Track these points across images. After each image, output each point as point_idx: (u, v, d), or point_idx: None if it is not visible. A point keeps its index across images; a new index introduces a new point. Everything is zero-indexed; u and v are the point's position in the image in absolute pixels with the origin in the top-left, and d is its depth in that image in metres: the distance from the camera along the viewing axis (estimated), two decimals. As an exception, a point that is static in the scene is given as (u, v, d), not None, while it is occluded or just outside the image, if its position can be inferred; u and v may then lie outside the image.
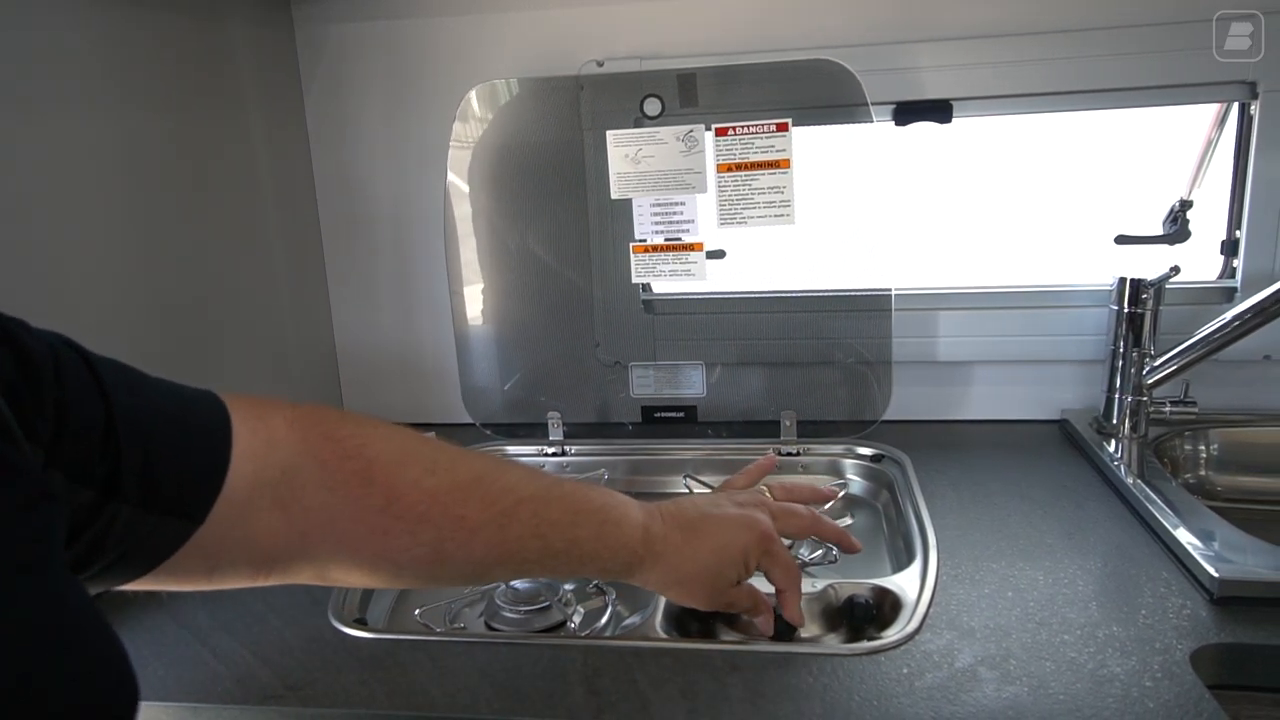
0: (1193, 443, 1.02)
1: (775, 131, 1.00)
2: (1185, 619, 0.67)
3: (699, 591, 0.65)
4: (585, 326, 1.11)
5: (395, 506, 0.52)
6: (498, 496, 0.56)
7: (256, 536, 0.49)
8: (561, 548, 0.58)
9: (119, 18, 0.83)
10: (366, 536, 0.52)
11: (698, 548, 0.63)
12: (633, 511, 0.63)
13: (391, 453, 0.53)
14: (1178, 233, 1.05)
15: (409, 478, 0.53)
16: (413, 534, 0.53)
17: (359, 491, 0.51)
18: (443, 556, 0.54)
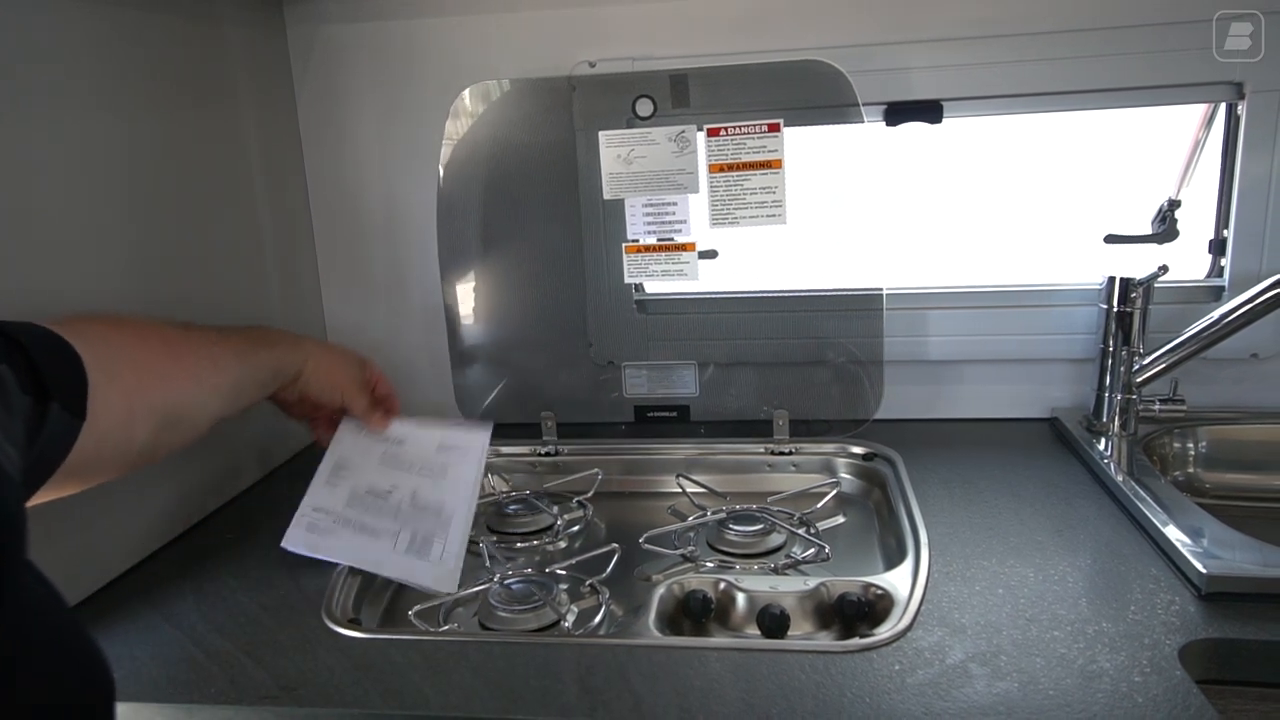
0: (1181, 440, 1.03)
1: (767, 132, 1.00)
2: (1174, 615, 0.68)
3: (331, 387, 0.85)
4: (578, 327, 1.11)
5: (172, 342, 0.69)
6: (209, 328, 0.75)
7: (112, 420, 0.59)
8: (257, 338, 0.79)
9: (110, 19, 0.83)
10: (170, 369, 0.67)
11: (328, 356, 0.86)
12: (286, 333, 0.84)
13: (135, 318, 0.69)
14: (1166, 232, 1.06)
15: (162, 326, 0.70)
16: (194, 355, 0.70)
17: (143, 342, 0.67)
18: (217, 367, 0.71)
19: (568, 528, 0.95)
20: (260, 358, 0.78)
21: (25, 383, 0.51)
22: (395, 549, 0.82)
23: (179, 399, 0.68)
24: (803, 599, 0.74)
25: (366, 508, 0.84)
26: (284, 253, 1.12)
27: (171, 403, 0.67)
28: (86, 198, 0.81)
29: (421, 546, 0.82)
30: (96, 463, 0.60)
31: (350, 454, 0.89)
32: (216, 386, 0.72)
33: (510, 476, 1.10)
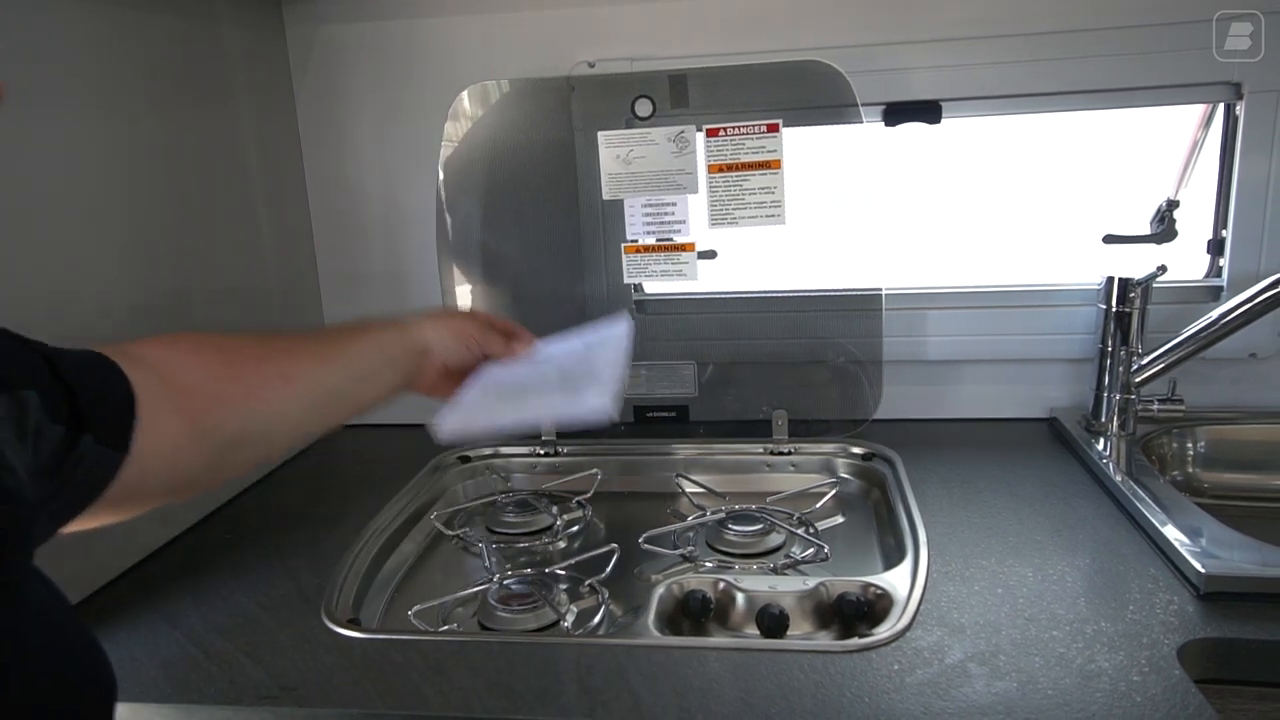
0: (1180, 440, 1.03)
1: (766, 132, 1.00)
2: (1172, 614, 0.68)
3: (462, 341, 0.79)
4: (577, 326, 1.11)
5: (235, 357, 0.66)
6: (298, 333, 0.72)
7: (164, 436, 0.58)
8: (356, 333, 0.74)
9: (109, 19, 0.83)
10: (228, 388, 0.64)
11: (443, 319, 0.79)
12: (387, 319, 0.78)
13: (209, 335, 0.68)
14: (1165, 232, 1.06)
15: (233, 341, 0.68)
16: (258, 371, 0.66)
17: (202, 360, 0.64)
18: (288, 378, 0.67)
19: (567, 528, 0.95)
20: (356, 353, 0.72)
21: (57, 411, 0.50)
22: (546, 401, 0.76)
23: (239, 422, 0.64)
24: (802, 599, 0.74)
25: (515, 389, 0.78)
26: (283, 252, 1.12)
27: (229, 427, 0.63)
28: (85, 198, 0.81)
29: (575, 390, 0.75)
30: (140, 494, 0.59)
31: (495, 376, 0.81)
32: (289, 399, 0.67)
33: (510, 477, 1.10)
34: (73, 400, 0.51)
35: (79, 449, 0.51)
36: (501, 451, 1.10)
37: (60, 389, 0.50)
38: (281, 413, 0.67)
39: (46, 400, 0.49)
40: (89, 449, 0.52)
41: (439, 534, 0.96)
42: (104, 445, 0.53)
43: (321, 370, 0.70)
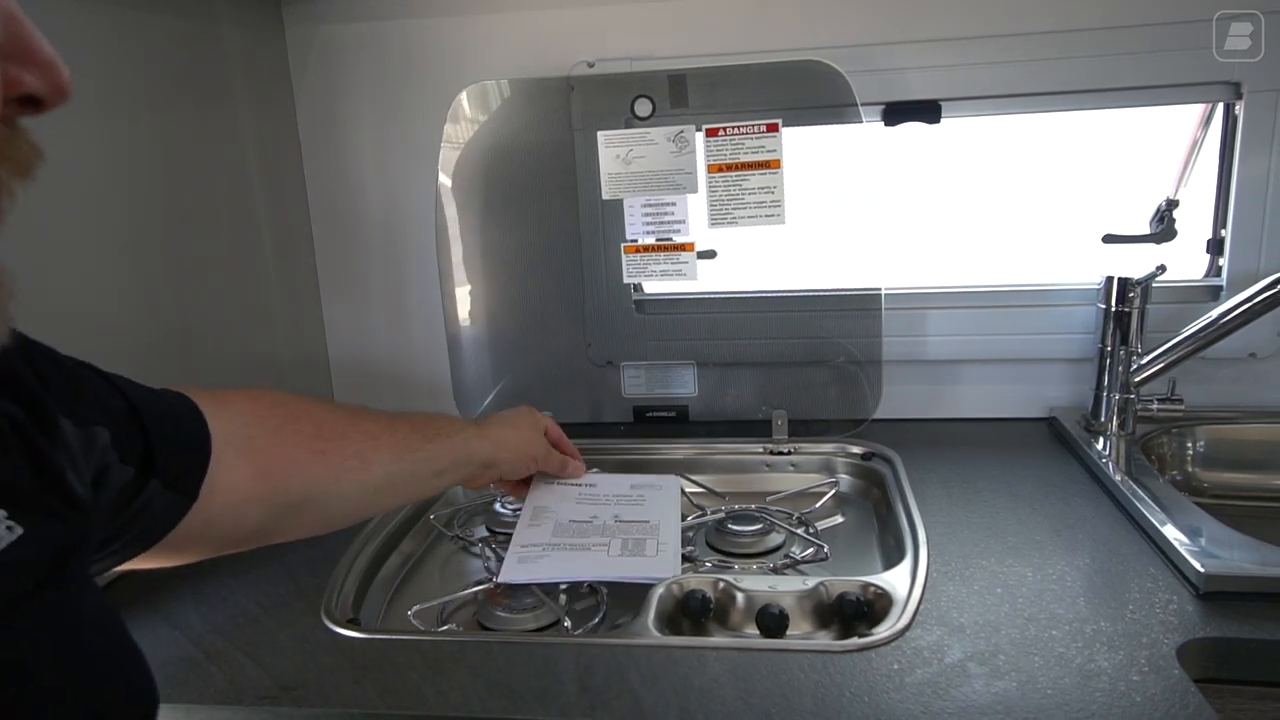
0: (1179, 440, 1.03)
1: (765, 132, 1.00)
2: (1172, 614, 0.68)
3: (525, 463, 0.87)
4: (576, 327, 1.11)
5: (323, 430, 0.68)
6: (379, 416, 0.74)
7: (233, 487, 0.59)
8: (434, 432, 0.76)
9: (108, 19, 0.83)
10: (309, 460, 0.66)
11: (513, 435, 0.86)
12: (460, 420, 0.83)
13: (301, 399, 0.69)
14: (1164, 232, 1.06)
15: (322, 411, 0.70)
16: (340, 449, 0.68)
17: (293, 427, 0.66)
18: (366, 459, 0.70)
19: (567, 528, 0.95)
20: (428, 453, 0.75)
21: (130, 453, 0.51)
22: (609, 554, 0.82)
23: (308, 490, 0.66)
24: (801, 598, 0.74)
25: (573, 533, 0.86)
26: (282, 253, 1.12)
27: (298, 494, 0.65)
28: (84, 198, 0.81)
29: (635, 548, 0.83)
30: (202, 541, 0.60)
31: (546, 500, 0.92)
32: (361, 483, 0.69)
33: (509, 476, 1.10)
34: (146, 443, 0.52)
35: (146, 492, 0.52)
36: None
37: (136, 431, 0.51)
38: (350, 494, 0.69)
39: (119, 440, 0.50)
40: (156, 493, 0.53)
41: (439, 534, 0.96)
42: (172, 491, 0.54)
43: (398, 464, 0.73)
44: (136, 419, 0.52)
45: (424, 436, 0.75)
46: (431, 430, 0.77)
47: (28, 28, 0.32)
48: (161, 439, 0.53)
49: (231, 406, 0.62)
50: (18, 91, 0.32)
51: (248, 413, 0.63)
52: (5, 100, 0.31)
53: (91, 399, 0.49)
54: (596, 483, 0.97)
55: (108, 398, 0.51)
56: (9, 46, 0.31)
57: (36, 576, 0.38)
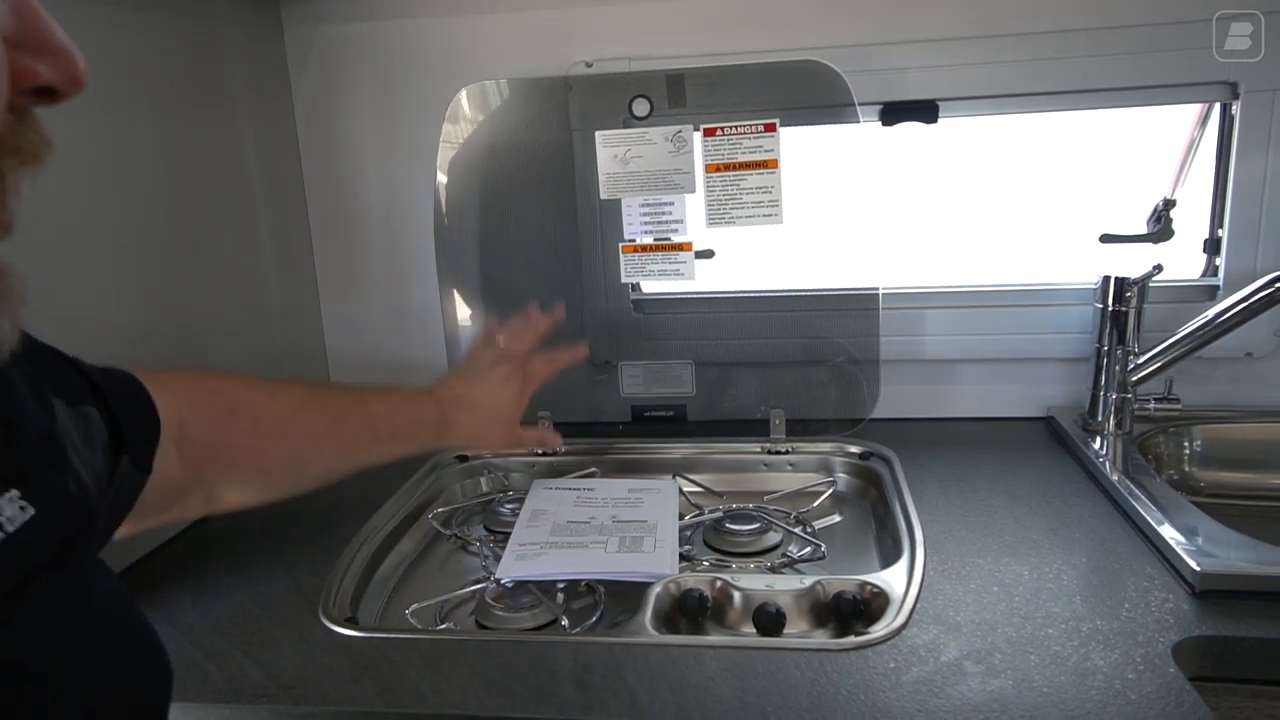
0: (1176, 439, 1.03)
1: (763, 132, 1.00)
2: (1168, 612, 0.68)
3: (495, 437, 0.85)
4: (575, 326, 1.12)
5: (260, 426, 0.66)
6: (329, 405, 0.71)
7: (164, 476, 0.58)
8: (385, 432, 0.74)
9: (107, 19, 0.83)
10: (242, 456, 0.65)
11: (479, 408, 0.82)
12: (423, 394, 0.80)
13: (241, 387, 0.66)
14: (1161, 231, 1.06)
15: (263, 403, 0.67)
16: (277, 447, 0.67)
17: (229, 420, 0.64)
18: (302, 459, 0.68)
19: (565, 527, 0.95)
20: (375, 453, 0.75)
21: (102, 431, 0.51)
22: (606, 552, 0.83)
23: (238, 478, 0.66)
24: (799, 597, 0.74)
25: (570, 533, 0.87)
26: (281, 252, 1.12)
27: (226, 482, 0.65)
28: (83, 198, 0.81)
29: (632, 545, 0.84)
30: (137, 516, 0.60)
31: (544, 503, 0.94)
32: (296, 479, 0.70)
33: (507, 476, 1.10)
34: (113, 421, 0.52)
35: (120, 469, 0.52)
36: (499, 451, 1.10)
37: (103, 410, 0.51)
38: (282, 486, 0.69)
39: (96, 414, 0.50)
40: (127, 471, 0.53)
41: (437, 533, 0.96)
42: (136, 468, 0.54)
43: (338, 462, 0.71)
44: (100, 398, 0.51)
45: (376, 437, 0.73)
46: (385, 427, 0.74)
47: (41, 17, 0.31)
48: (125, 416, 0.53)
49: (171, 391, 0.60)
50: (31, 83, 0.31)
51: (185, 400, 0.62)
52: (19, 91, 0.31)
53: (65, 381, 0.49)
54: (594, 486, 0.98)
55: (75, 379, 0.50)
56: (22, 36, 0.30)
57: (49, 556, 0.38)
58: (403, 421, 0.76)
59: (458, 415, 0.81)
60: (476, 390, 0.83)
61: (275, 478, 0.68)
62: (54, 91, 0.32)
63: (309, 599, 0.77)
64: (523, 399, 0.86)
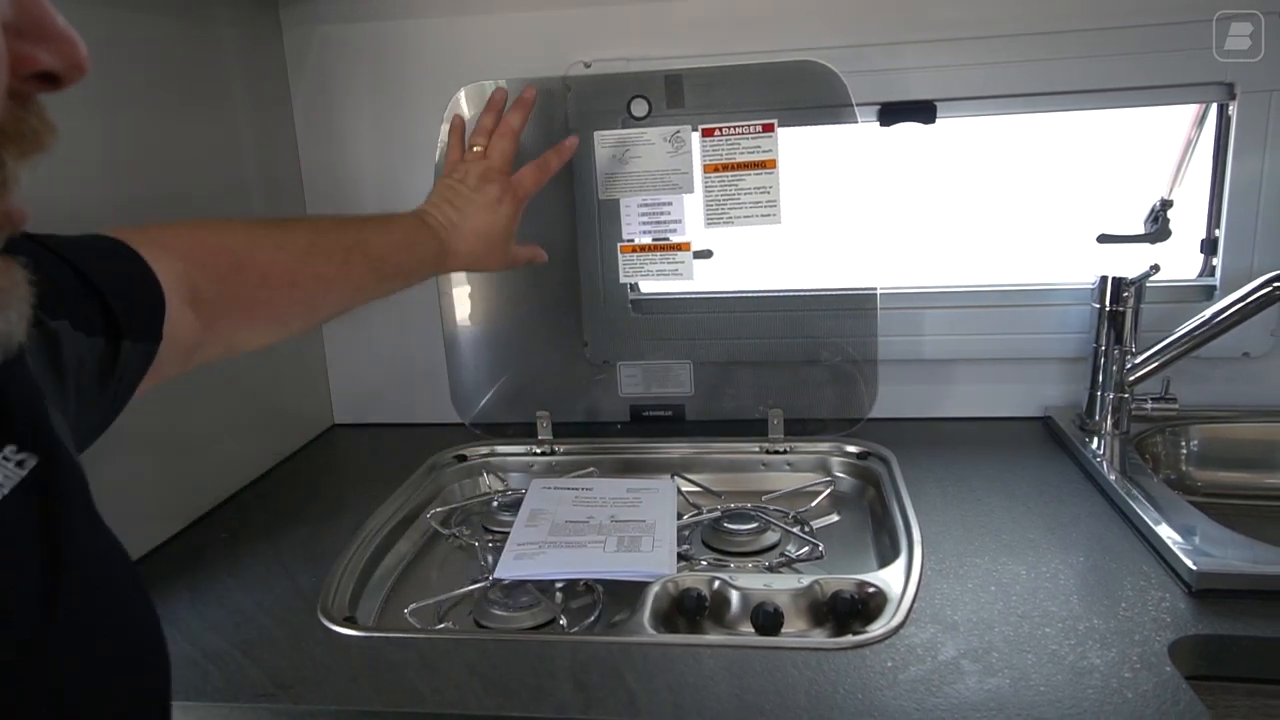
0: (1173, 439, 1.03)
1: (761, 132, 1.01)
2: (1164, 611, 0.68)
3: (492, 260, 0.88)
4: (573, 326, 1.12)
5: (270, 279, 0.66)
6: (334, 250, 0.71)
7: (181, 336, 0.59)
8: (391, 271, 0.77)
9: (106, 20, 0.83)
10: (256, 308, 0.66)
11: (476, 235, 0.84)
12: (421, 227, 0.82)
13: (244, 240, 0.66)
14: (1159, 232, 1.06)
15: (267, 255, 0.67)
16: (288, 297, 0.68)
17: (238, 277, 0.64)
18: (314, 305, 0.71)
19: (563, 526, 0.95)
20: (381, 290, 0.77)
21: (93, 324, 0.50)
22: (605, 551, 0.84)
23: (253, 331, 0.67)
24: (796, 596, 0.74)
25: (568, 532, 0.88)
26: (280, 253, 1.12)
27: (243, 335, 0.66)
28: (81, 198, 0.81)
29: (630, 544, 0.84)
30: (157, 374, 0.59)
31: (543, 504, 0.94)
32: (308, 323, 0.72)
33: (505, 476, 1.10)
34: (105, 307, 0.51)
35: (121, 355, 0.52)
36: (498, 451, 1.11)
37: (93, 298, 0.50)
38: (296, 329, 0.72)
39: (81, 314, 0.49)
40: (129, 351, 0.53)
41: (435, 533, 0.96)
42: (142, 342, 0.54)
43: (348, 303, 0.74)
44: (87, 285, 0.50)
45: (382, 276, 0.76)
46: (390, 267, 0.77)
47: (41, 3, 0.31)
48: (117, 296, 0.52)
49: (175, 254, 0.60)
50: (32, 69, 0.31)
51: (191, 261, 0.61)
52: (20, 77, 0.30)
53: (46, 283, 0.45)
54: (593, 486, 0.98)
55: (57, 274, 0.49)
56: (21, 22, 0.30)
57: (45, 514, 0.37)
58: (405, 259, 0.78)
59: (456, 244, 0.83)
60: (470, 216, 0.84)
61: (290, 323, 0.70)
62: (56, 78, 0.32)
63: (307, 599, 0.77)
64: (515, 218, 0.87)
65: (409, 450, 1.10)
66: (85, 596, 0.39)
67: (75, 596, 0.38)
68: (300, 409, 1.19)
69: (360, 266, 0.73)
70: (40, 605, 0.36)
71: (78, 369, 0.48)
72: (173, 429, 0.91)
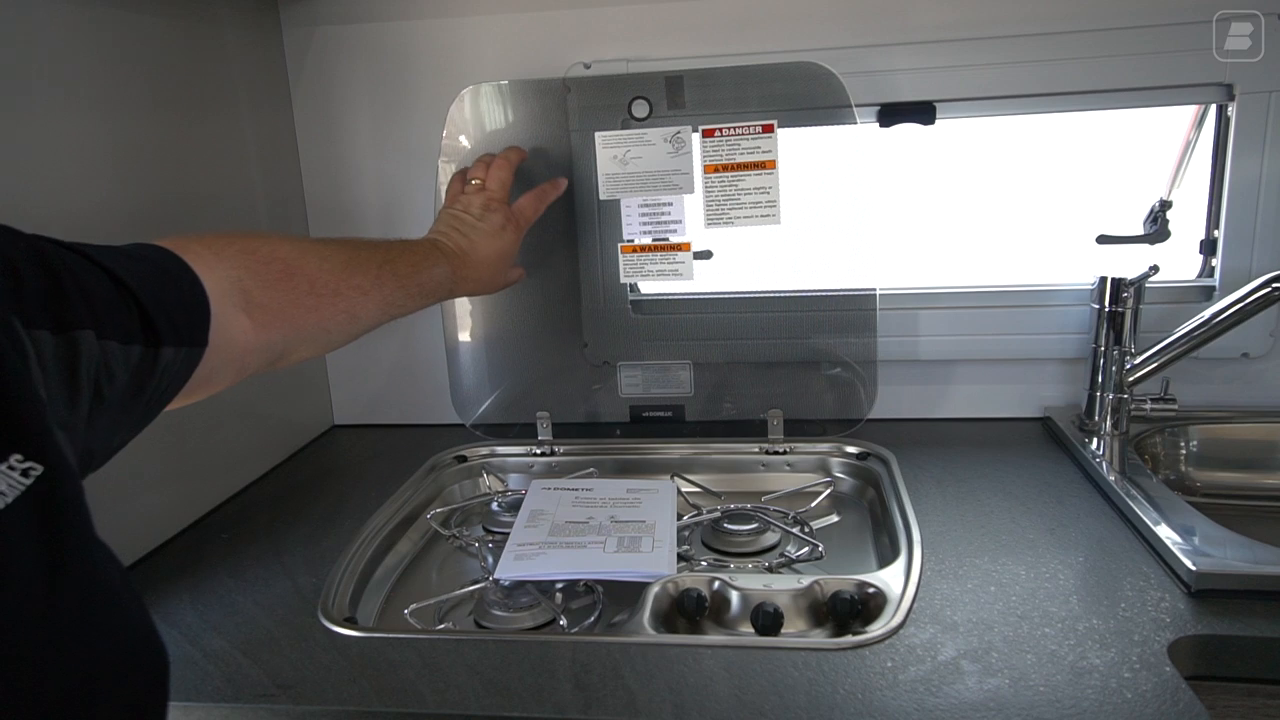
0: (1173, 439, 1.04)
1: (761, 133, 1.01)
2: (1163, 611, 0.68)
3: (494, 284, 0.95)
4: (573, 327, 1.12)
5: (317, 288, 0.70)
6: (368, 265, 0.76)
7: (236, 341, 0.62)
8: (414, 290, 0.82)
9: (107, 20, 0.83)
10: (305, 316, 0.69)
11: (483, 262, 0.91)
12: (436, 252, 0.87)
13: (292, 252, 0.70)
14: (1158, 232, 1.06)
15: (313, 266, 0.71)
16: (333, 305, 0.72)
17: (288, 284, 0.68)
18: (354, 315, 0.74)
19: (563, 527, 0.95)
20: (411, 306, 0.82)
21: (131, 332, 0.50)
22: (605, 552, 0.84)
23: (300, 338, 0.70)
24: (796, 597, 0.74)
25: (568, 533, 0.88)
26: (280, 253, 1.12)
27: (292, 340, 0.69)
28: (81, 200, 0.81)
29: (630, 545, 0.84)
30: (208, 384, 0.61)
31: (543, 504, 0.94)
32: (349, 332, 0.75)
33: (505, 476, 1.10)
34: (144, 315, 0.51)
35: (161, 360, 0.53)
36: (498, 452, 1.11)
37: (129, 306, 0.51)
38: (337, 339, 0.75)
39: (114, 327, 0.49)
40: (169, 357, 0.53)
41: (435, 533, 0.96)
42: (185, 346, 0.55)
43: (382, 316, 0.79)
44: (126, 293, 0.51)
45: (407, 293, 0.81)
46: (413, 285, 0.81)
47: None
48: (157, 304, 0.52)
49: (226, 259, 0.63)
50: None
51: (242, 267, 0.64)
52: None
53: (76, 292, 0.47)
54: (593, 486, 0.98)
55: (92, 282, 0.49)
56: None
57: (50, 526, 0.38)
58: (425, 280, 0.83)
59: (466, 271, 0.89)
60: (478, 244, 0.90)
61: (332, 333, 0.73)
62: None
63: (307, 599, 0.77)
64: (518, 244, 0.95)
65: (409, 451, 1.10)
66: (83, 604, 0.39)
67: (74, 604, 0.38)
68: (301, 410, 1.19)
69: (390, 282, 0.78)
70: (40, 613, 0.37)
71: (101, 379, 0.48)
72: (174, 430, 0.92)
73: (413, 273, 0.82)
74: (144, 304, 0.51)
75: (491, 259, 0.91)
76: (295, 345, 0.70)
